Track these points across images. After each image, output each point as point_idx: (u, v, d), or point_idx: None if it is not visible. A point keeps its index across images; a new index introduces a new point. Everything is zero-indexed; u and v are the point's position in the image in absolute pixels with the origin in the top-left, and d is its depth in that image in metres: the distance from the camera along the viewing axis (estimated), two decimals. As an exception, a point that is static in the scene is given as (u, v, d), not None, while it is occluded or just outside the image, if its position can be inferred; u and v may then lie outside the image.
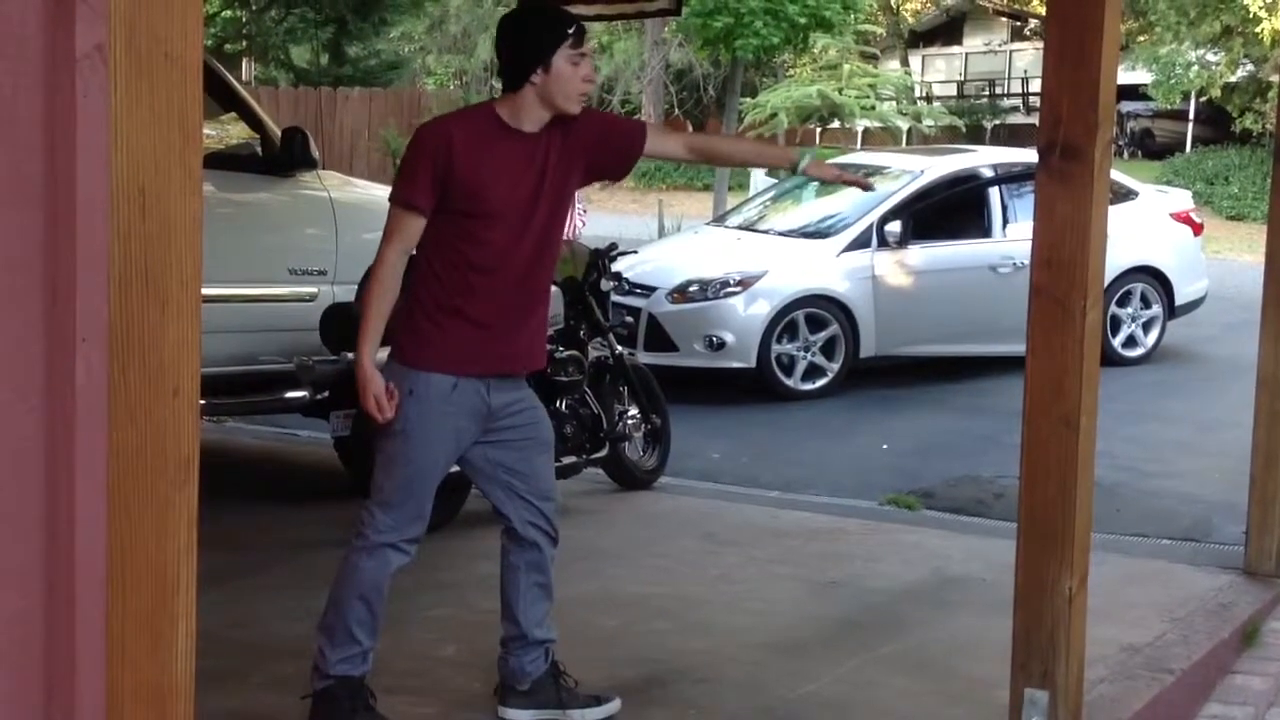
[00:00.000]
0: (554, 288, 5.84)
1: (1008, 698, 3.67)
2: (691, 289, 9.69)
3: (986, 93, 34.56)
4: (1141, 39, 26.37)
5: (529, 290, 3.67)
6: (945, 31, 36.75)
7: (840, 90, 25.78)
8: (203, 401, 2.54)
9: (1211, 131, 27.72)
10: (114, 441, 1.57)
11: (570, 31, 3.56)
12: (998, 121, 32.75)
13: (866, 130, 30.77)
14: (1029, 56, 32.75)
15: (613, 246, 6.65)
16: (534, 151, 3.59)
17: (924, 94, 33.22)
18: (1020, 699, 3.61)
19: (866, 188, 4.11)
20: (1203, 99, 26.74)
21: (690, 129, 33.21)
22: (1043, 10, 27.71)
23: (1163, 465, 7.77)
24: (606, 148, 3.76)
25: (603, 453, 6.32)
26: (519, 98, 3.58)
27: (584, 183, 3.86)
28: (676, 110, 31.53)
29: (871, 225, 10.03)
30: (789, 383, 9.59)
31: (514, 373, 3.73)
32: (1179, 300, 11.12)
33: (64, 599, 1.52)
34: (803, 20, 18.52)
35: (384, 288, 3.56)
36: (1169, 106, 27.59)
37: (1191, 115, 29.28)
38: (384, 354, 3.72)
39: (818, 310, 9.70)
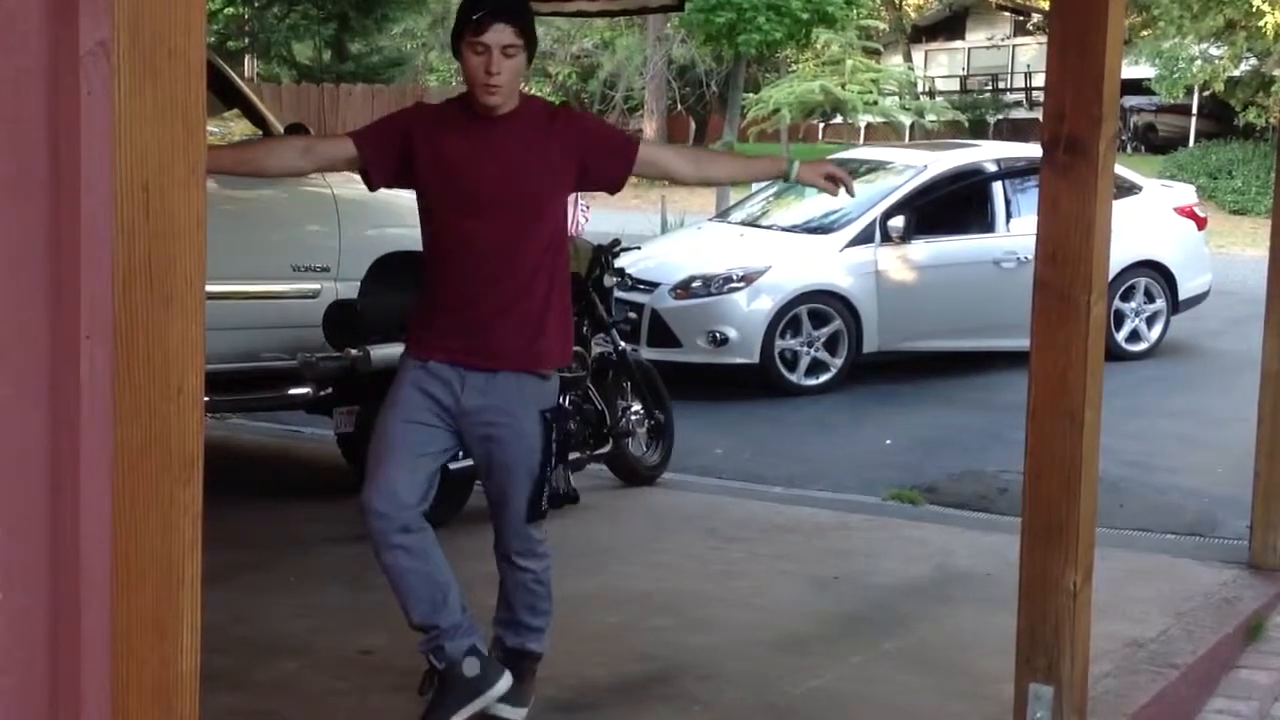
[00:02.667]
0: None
1: (1012, 693, 3.66)
2: (694, 284, 9.69)
3: (989, 87, 34.56)
4: (1144, 33, 26.34)
5: (503, 280, 3.57)
6: (948, 26, 36.76)
7: (843, 85, 25.81)
8: (206, 399, 2.53)
9: (1215, 126, 27.71)
10: (118, 438, 1.56)
11: (472, 19, 3.46)
12: (1000, 116, 32.76)
13: (869, 125, 30.79)
14: (1032, 51, 32.76)
15: (616, 242, 6.64)
16: (491, 136, 3.54)
17: (926, 89, 33.24)
18: (1025, 694, 3.61)
19: (850, 191, 4.04)
20: (1206, 93, 26.77)
21: (693, 125, 33.25)
22: (1045, 4, 27.67)
23: (1166, 460, 7.76)
24: (598, 151, 3.68)
25: (606, 449, 6.32)
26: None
27: (579, 187, 3.83)
28: (679, 106, 31.53)
29: (875, 220, 10.02)
30: (792, 378, 9.59)
31: (489, 368, 3.59)
32: (1183, 295, 11.11)
33: (68, 596, 1.52)
34: (805, 15, 18.54)
35: (256, 144, 3.66)
36: (1172, 101, 27.58)
37: (1194, 109, 29.29)
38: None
39: (821, 305, 9.70)
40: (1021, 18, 35.07)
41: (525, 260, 3.59)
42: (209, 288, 1.67)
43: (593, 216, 11.83)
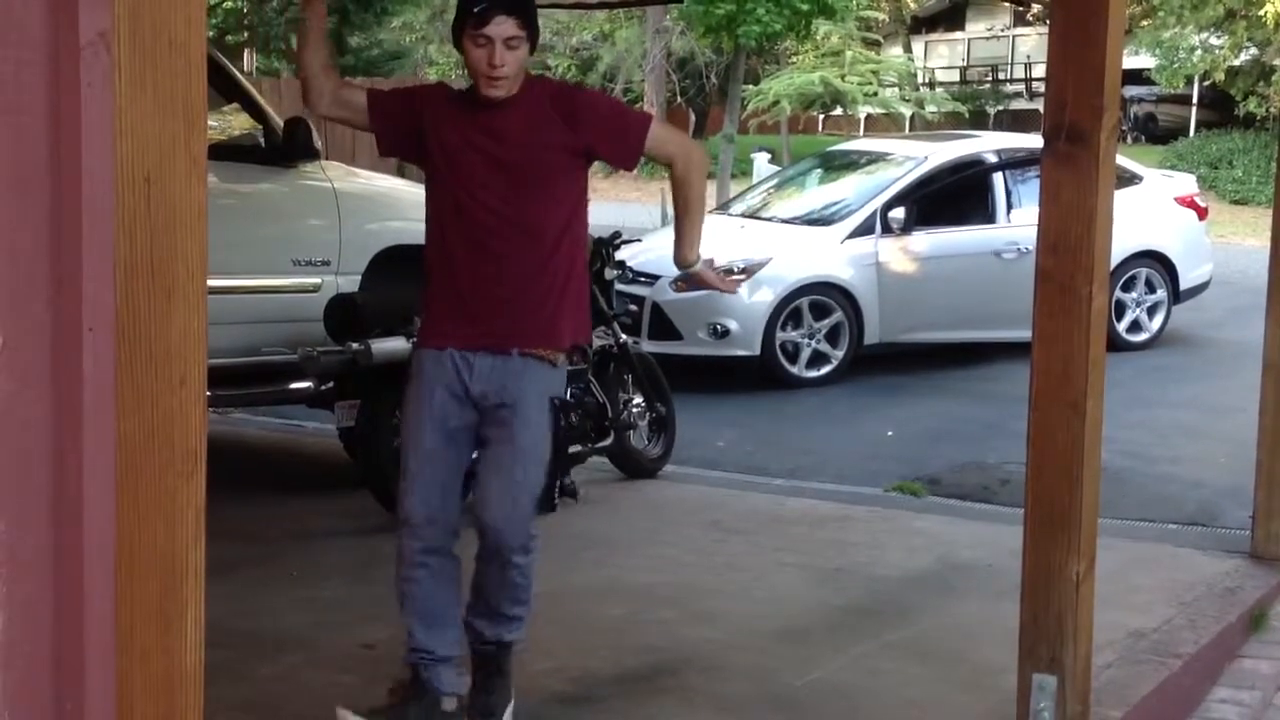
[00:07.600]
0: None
1: (1015, 683, 3.67)
2: (695, 277, 9.67)
3: (989, 78, 34.49)
4: (1145, 23, 26.28)
5: (516, 260, 3.55)
6: (947, 17, 36.68)
7: (843, 77, 25.79)
8: (208, 393, 2.53)
9: (1215, 115, 27.65)
10: (121, 431, 1.56)
11: (474, 11, 3.46)
12: (1000, 107, 32.70)
13: (869, 117, 30.76)
14: (1031, 41, 32.69)
15: (616, 235, 6.64)
16: (499, 117, 3.55)
17: (926, 80, 33.20)
18: (1028, 684, 3.61)
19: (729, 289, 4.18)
20: (1206, 83, 26.69)
21: (693, 117, 33.21)
22: (1045, -5, 27.61)
23: (1168, 450, 7.76)
24: (605, 129, 3.67)
25: (608, 441, 6.32)
26: None
27: (591, 163, 3.73)
28: (679, 99, 31.49)
29: (875, 212, 10.01)
30: (793, 370, 9.59)
31: (499, 350, 3.56)
32: (1184, 285, 11.10)
33: (72, 589, 1.52)
34: (805, 7, 18.48)
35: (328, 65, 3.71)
36: (1172, 91, 27.53)
37: (1195, 99, 29.22)
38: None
39: (822, 297, 9.69)
40: (1021, 8, 34.95)
41: (541, 240, 3.59)
42: (209, 282, 1.67)
43: (593, 209, 11.83)
